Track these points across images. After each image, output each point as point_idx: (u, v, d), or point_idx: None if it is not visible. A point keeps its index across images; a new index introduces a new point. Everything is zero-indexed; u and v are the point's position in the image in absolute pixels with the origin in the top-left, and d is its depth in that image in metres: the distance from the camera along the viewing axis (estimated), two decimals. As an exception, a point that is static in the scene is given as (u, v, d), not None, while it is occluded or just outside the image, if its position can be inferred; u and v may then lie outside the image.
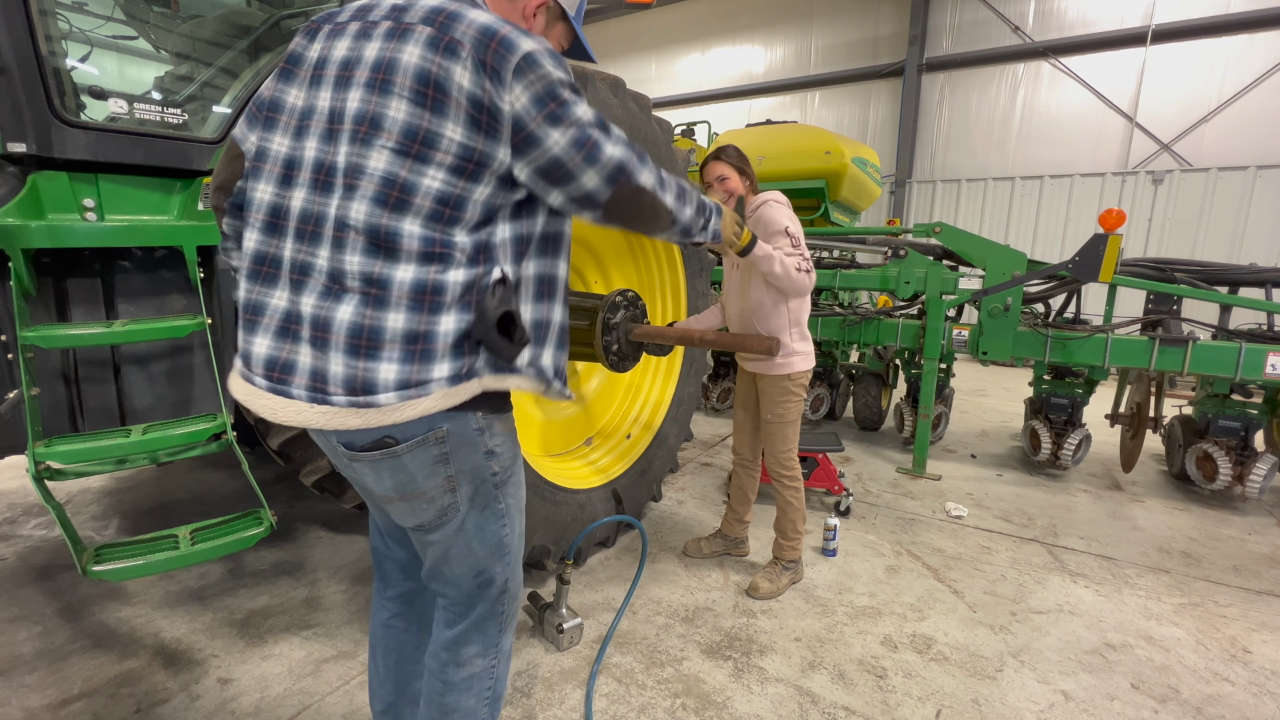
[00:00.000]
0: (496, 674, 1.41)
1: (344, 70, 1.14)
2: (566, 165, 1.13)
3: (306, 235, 1.13)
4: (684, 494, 3.89)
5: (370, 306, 1.09)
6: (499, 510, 1.30)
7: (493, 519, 1.30)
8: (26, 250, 1.85)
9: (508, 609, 1.39)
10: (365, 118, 1.09)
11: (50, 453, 1.83)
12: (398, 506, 1.24)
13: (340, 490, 2.73)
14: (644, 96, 2.91)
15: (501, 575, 1.34)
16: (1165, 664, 2.35)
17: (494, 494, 1.28)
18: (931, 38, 10.87)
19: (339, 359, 1.09)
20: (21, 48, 1.83)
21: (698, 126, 10.02)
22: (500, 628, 1.39)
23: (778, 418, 2.66)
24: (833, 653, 2.35)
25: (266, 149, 1.21)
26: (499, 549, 1.32)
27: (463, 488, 1.23)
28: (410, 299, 1.09)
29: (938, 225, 4.26)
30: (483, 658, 1.38)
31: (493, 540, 1.31)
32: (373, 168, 1.08)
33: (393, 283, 1.09)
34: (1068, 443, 4.24)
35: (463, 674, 1.36)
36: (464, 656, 1.36)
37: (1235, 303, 3.83)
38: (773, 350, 2.40)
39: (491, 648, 1.39)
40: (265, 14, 2.54)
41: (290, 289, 1.14)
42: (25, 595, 2.60)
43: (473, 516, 1.27)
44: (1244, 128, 8.73)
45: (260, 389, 1.15)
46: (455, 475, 1.22)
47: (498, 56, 1.07)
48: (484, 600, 1.35)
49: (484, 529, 1.29)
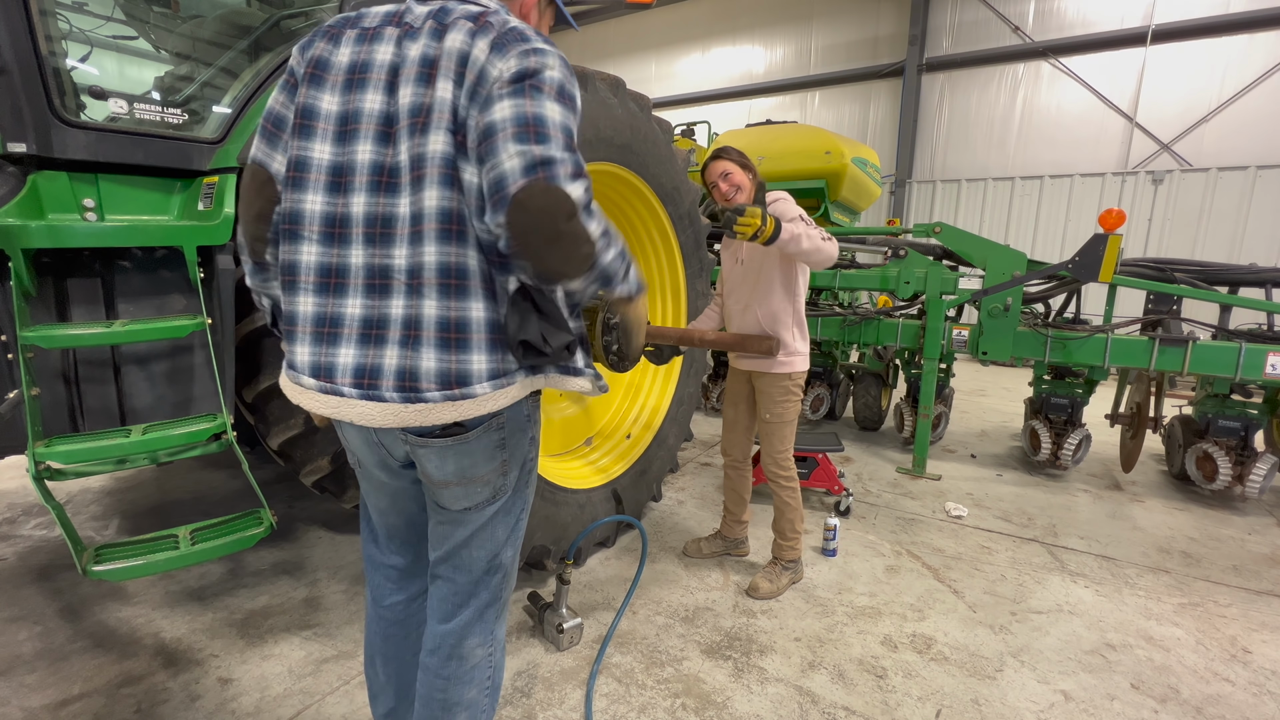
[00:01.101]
0: (494, 662, 1.43)
1: (394, 75, 1.14)
2: (496, 134, 1.04)
3: (377, 239, 1.13)
4: (684, 494, 3.89)
5: (453, 297, 1.09)
6: (526, 495, 1.37)
7: (520, 502, 1.37)
8: (26, 250, 1.84)
9: (505, 593, 1.42)
10: (421, 109, 1.10)
11: (50, 453, 1.83)
12: (453, 490, 1.26)
13: (340, 490, 2.72)
14: (644, 96, 2.91)
15: (510, 560, 1.39)
16: (1165, 664, 2.35)
17: (527, 477, 1.36)
18: (931, 38, 10.87)
19: (430, 354, 1.10)
20: (21, 48, 1.82)
21: (698, 126, 10.01)
22: (497, 614, 1.42)
23: (777, 417, 2.66)
24: (833, 653, 2.35)
25: (307, 158, 1.18)
26: (515, 533, 1.38)
27: (512, 471, 1.29)
28: (485, 287, 1.11)
29: (938, 225, 4.26)
30: (482, 647, 1.39)
31: (513, 522, 1.37)
32: (432, 150, 1.08)
33: (469, 270, 1.10)
34: (1068, 443, 4.24)
35: (465, 667, 1.37)
36: (465, 649, 1.36)
37: (1235, 303, 3.83)
38: (773, 350, 2.41)
39: (489, 636, 1.40)
40: (265, 14, 2.54)
41: (366, 294, 1.14)
42: (25, 595, 2.60)
43: (511, 498, 1.33)
44: (1244, 128, 8.73)
45: (352, 398, 1.14)
46: (509, 459, 1.28)
47: (513, 39, 1.09)
48: (488, 586, 1.37)
49: (511, 511, 1.35)
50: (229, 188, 2.17)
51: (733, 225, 2.24)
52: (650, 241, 3.29)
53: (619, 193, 3.02)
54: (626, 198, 3.06)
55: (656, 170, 3.00)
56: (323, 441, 2.57)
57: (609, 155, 2.70)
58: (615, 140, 2.69)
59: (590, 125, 2.54)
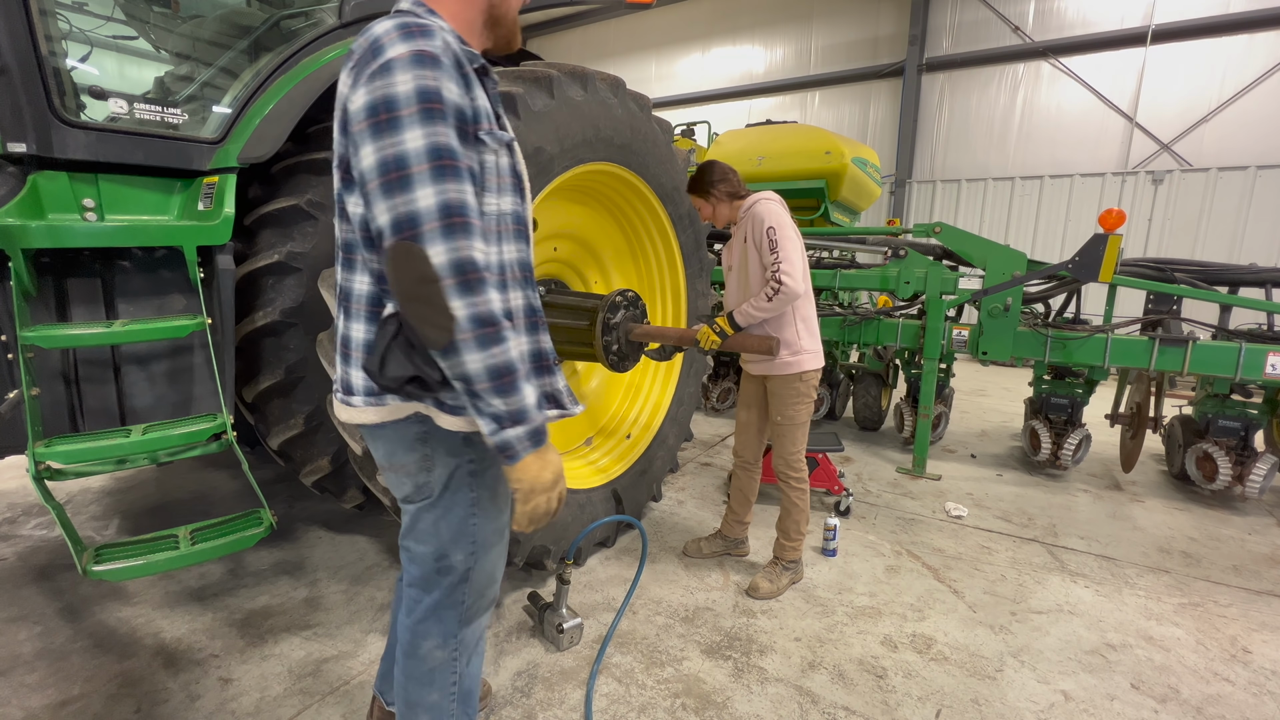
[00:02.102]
0: (459, 668, 1.40)
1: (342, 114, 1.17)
2: (367, 184, 1.05)
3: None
4: (684, 494, 3.89)
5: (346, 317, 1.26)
6: (469, 499, 1.30)
7: (462, 506, 1.30)
8: (27, 250, 1.85)
9: (470, 600, 1.37)
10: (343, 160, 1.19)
11: (50, 453, 1.83)
12: (388, 476, 1.34)
13: (340, 490, 2.73)
14: (644, 96, 2.91)
15: (463, 564, 1.33)
16: (1165, 664, 2.35)
17: (468, 481, 1.29)
18: (931, 38, 10.87)
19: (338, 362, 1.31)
20: (21, 48, 1.83)
21: (698, 126, 10.02)
22: (461, 619, 1.37)
23: (788, 419, 2.66)
24: (833, 653, 2.35)
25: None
26: (463, 536, 1.31)
27: (437, 469, 1.27)
28: (368, 310, 1.22)
29: (938, 225, 4.26)
30: (442, 649, 1.37)
31: (457, 526, 1.31)
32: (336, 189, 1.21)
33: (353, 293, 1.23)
34: (1068, 443, 4.24)
35: (422, 668, 1.36)
36: (423, 650, 1.36)
37: (1235, 303, 3.83)
38: (773, 350, 2.41)
39: (451, 639, 1.37)
40: (265, 14, 2.54)
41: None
42: (25, 595, 2.60)
43: (444, 499, 1.29)
44: (1244, 128, 8.72)
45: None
46: (431, 455, 1.26)
47: (365, 59, 1.06)
48: (440, 586, 1.34)
49: (451, 513, 1.30)
50: (229, 188, 2.17)
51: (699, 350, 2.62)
52: (650, 241, 3.29)
53: (619, 193, 3.02)
54: (626, 198, 3.06)
55: (656, 170, 3.00)
56: (323, 441, 2.57)
57: (609, 155, 2.70)
58: (615, 140, 2.69)
59: (590, 125, 2.55)
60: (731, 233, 2.75)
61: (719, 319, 2.53)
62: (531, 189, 2.35)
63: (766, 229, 2.49)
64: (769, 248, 2.48)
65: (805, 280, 2.50)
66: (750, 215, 2.58)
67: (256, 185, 2.53)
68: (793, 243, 2.48)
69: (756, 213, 2.55)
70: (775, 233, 2.47)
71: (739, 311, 2.52)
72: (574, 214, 3.03)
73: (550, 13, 14.77)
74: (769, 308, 2.48)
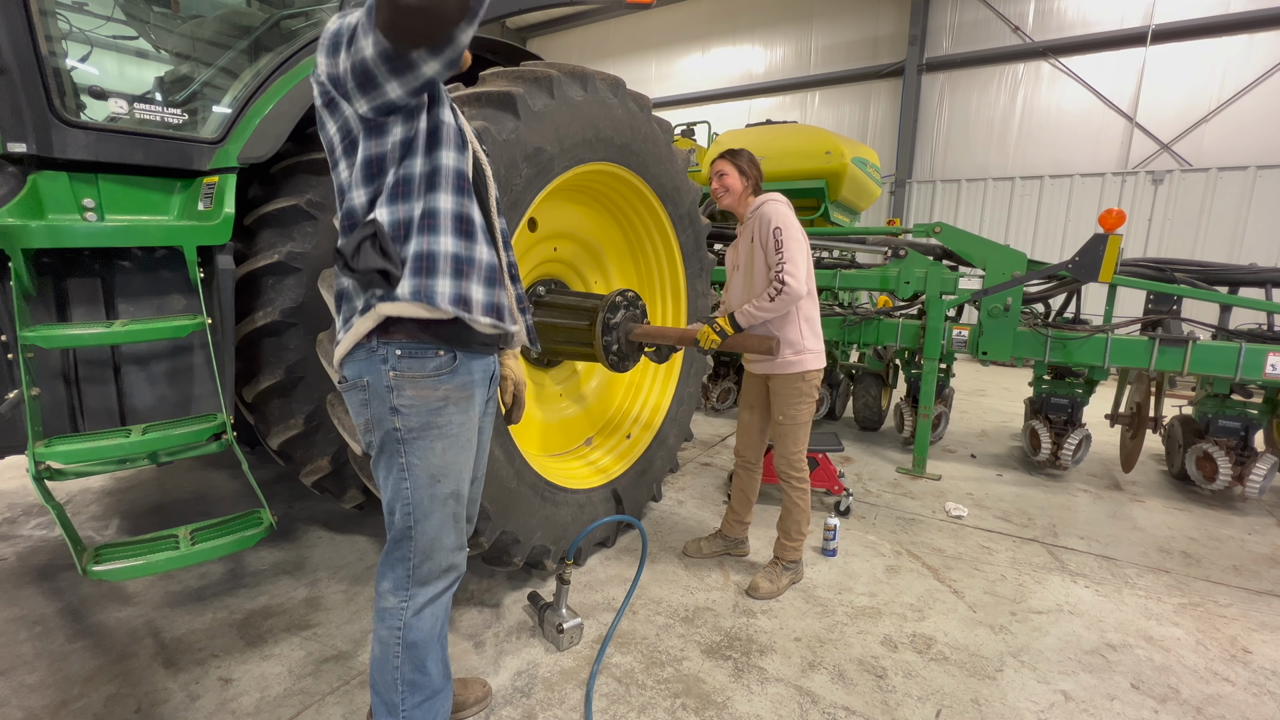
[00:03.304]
0: (407, 620, 1.54)
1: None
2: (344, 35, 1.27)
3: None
4: (684, 494, 3.89)
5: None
6: (400, 464, 1.48)
7: (395, 469, 1.49)
8: (27, 250, 1.85)
9: (415, 560, 1.53)
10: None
11: (50, 453, 1.83)
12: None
13: (340, 490, 2.73)
14: (644, 96, 2.91)
15: (402, 523, 1.51)
16: (1165, 664, 2.35)
17: (397, 448, 1.47)
18: (931, 38, 10.87)
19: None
20: (21, 48, 1.83)
21: (698, 126, 10.02)
22: (409, 575, 1.53)
23: (790, 419, 2.66)
24: (833, 653, 2.35)
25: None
26: (398, 497, 1.50)
27: (375, 431, 1.48)
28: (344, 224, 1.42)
29: (938, 225, 4.26)
30: (394, 595, 1.54)
31: (394, 487, 1.50)
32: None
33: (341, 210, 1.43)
34: (1068, 443, 4.24)
35: (381, 605, 1.56)
36: (382, 587, 1.55)
37: (1235, 303, 3.83)
38: (773, 350, 2.41)
39: (401, 589, 1.54)
40: (265, 14, 2.54)
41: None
42: (25, 595, 2.60)
43: (382, 460, 1.50)
44: (1244, 128, 8.72)
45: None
46: (371, 420, 1.48)
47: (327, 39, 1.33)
48: (394, 540, 1.53)
49: (389, 474, 1.50)
50: (229, 188, 2.17)
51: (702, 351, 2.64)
52: (650, 241, 3.29)
53: (619, 193, 3.02)
54: (626, 198, 3.06)
55: (656, 170, 3.00)
56: (323, 441, 2.57)
57: (609, 155, 2.70)
58: (615, 140, 2.69)
59: (590, 125, 2.55)
60: (736, 233, 2.75)
61: (719, 319, 2.52)
62: (531, 189, 2.36)
63: (773, 229, 2.49)
64: (774, 248, 2.48)
65: (809, 282, 2.50)
66: (758, 216, 2.58)
67: (256, 185, 2.53)
68: (798, 244, 2.48)
69: (765, 213, 2.55)
70: (782, 233, 2.47)
71: (740, 312, 2.51)
72: (574, 214, 3.03)
73: (550, 13, 14.78)
74: (771, 308, 2.48)
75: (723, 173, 2.64)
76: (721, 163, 2.65)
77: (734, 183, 2.63)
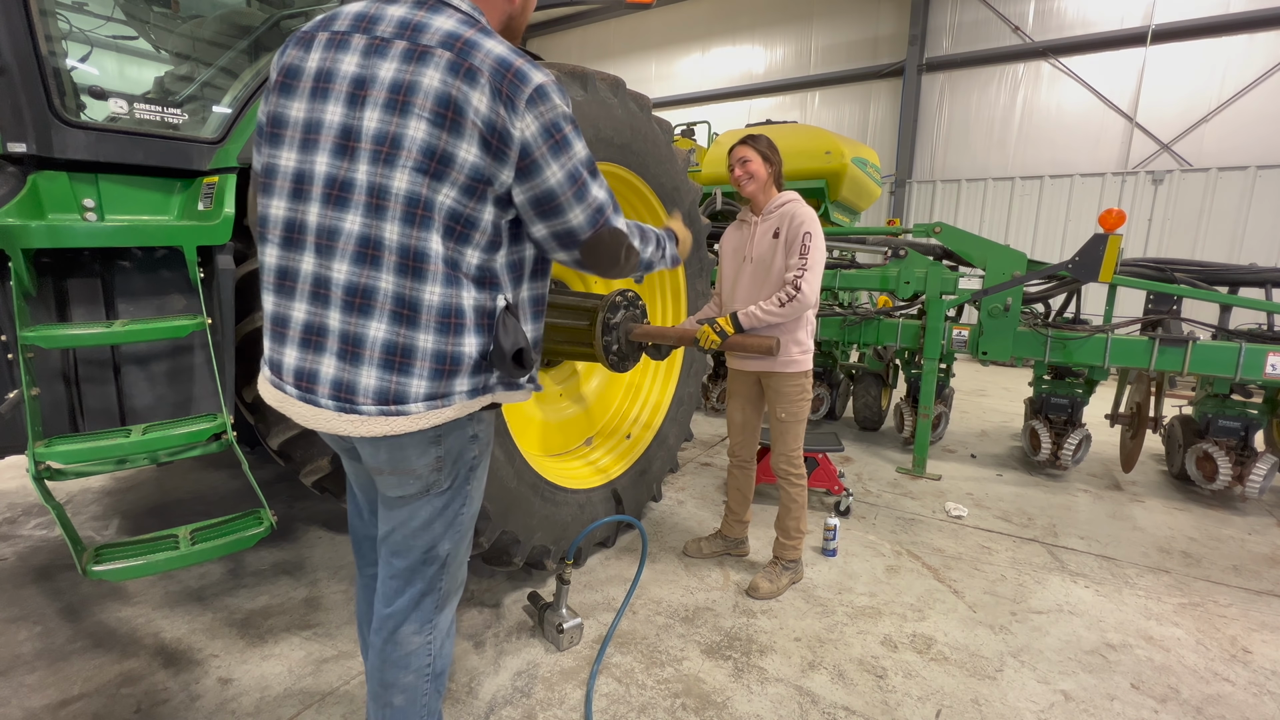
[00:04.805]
0: (434, 650, 1.45)
1: (357, 88, 1.16)
2: (558, 197, 1.22)
3: (323, 249, 1.18)
4: (684, 494, 3.89)
5: (403, 326, 1.18)
6: (466, 491, 1.40)
7: (459, 498, 1.39)
8: (26, 250, 1.84)
9: (446, 584, 1.44)
10: (386, 138, 1.13)
11: (50, 453, 1.83)
12: (387, 478, 1.33)
13: (340, 490, 2.72)
14: (644, 96, 2.91)
15: (448, 552, 1.41)
16: (1165, 664, 2.35)
17: (468, 475, 1.39)
18: (931, 38, 10.87)
19: (373, 373, 1.19)
20: (21, 48, 1.82)
21: (698, 126, 10.01)
22: (436, 604, 1.44)
23: (792, 416, 2.66)
24: (833, 653, 2.35)
25: (275, 165, 1.24)
26: (454, 525, 1.40)
27: (447, 467, 1.34)
28: (439, 321, 1.19)
29: (938, 225, 4.26)
30: (419, 635, 1.43)
31: (452, 517, 1.39)
32: (397, 187, 1.13)
33: (422, 304, 1.18)
34: (1068, 443, 4.24)
35: (400, 652, 1.42)
36: (401, 635, 1.42)
37: (1235, 303, 3.83)
38: (773, 350, 2.40)
39: (427, 624, 1.43)
40: (265, 14, 2.53)
41: (309, 301, 1.21)
42: (25, 595, 2.60)
43: (447, 495, 1.37)
44: (1244, 128, 8.73)
45: (292, 397, 1.26)
46: (444, 456, 1.32)
47: (513, 86, 1.15)
48: (424, 577, 1.40)
49: (449, 507, 1.38)
50: (229, 188, 2.17)
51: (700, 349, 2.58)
52: (650, 241, 3.28)
53: (619, 192, 3.02)
54: (626, 198, 3.06)
55: (656, 170, 3.00)
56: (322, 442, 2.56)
57: (609, 155, 2.70)
58: (615, 140, 2.69)
59: (590, 125, 2.54)
60: (743, 219, 2.72)
61: (720, 319, 2.50)
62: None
63: (804, 233, 2.46)
64: (800, 252, 2.45)
65: (817, 294, 2.50)
66: (788, 213, 2.53)
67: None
68: (821, 255, 2.47)
69: (797, 213, 2.51)
70: (811, 239, 2.45)
71: (745, 313, 2.47)
72: (574, 214, 3.02)
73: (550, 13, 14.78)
74: (780, 313, 2.44)
75: (746, 159, 2.56)
76: (743, 148, 2.57)
77: (758, 169, 2.56)
